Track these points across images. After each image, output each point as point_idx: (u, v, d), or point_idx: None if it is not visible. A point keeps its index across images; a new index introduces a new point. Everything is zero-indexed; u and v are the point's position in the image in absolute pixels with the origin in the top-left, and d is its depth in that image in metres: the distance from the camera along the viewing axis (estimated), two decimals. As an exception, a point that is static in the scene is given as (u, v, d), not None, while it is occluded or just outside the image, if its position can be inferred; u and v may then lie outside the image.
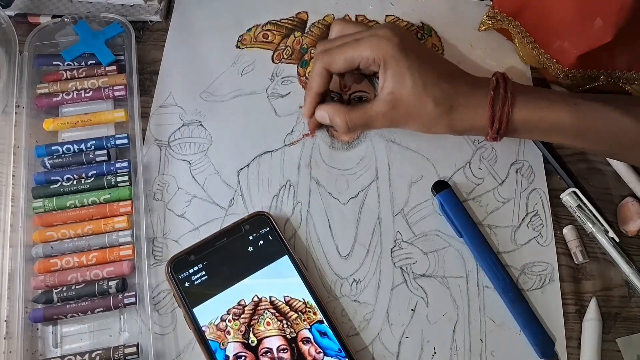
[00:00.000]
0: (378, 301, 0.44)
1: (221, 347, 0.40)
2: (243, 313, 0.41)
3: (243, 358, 0.40)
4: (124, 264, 0.43)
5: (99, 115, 0.48)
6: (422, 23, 0.55)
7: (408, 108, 0.43)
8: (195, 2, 0.55)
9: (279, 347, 0.40)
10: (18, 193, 0.44)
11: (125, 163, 0.46)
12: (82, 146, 0.47)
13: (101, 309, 0.41)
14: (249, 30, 0.54)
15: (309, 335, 0.41)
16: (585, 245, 0.47)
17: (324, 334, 0.41)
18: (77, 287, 0.42)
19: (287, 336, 0.40)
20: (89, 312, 0.41)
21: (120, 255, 0.43)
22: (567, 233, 0.47)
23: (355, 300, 0.44)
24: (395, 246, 0.46)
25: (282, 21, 0.54)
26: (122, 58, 0.50)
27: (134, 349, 0.40)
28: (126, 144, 0.47)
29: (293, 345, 0.40)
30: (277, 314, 0.41)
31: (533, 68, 0.53)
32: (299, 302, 0.42)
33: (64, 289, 0.42)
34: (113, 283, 0.42)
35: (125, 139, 0.47)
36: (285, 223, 0.46)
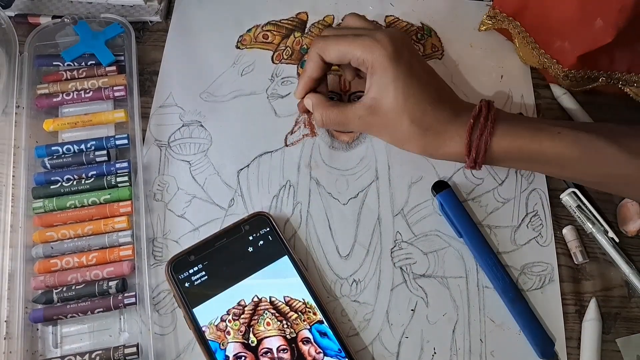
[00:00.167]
0: (378, 301, 0.44)
1: (221, 348, 0.40)
2: (243, 313, 0.41)
3: (243, 358, 0.40)
4: (124, 264, 0.43)
5: (99, 115, 0.48)
6: (422, 23, 0.55)
7: (384, 119, 0.43)
8: (195, 3, 0.55)
9: (279, 348, 0.40)
10: (18, 193, 0.44)
11: (125, 163, 0.46)
12: (82, 146, 0.47)
13: (101, 309, 0.41)
14: (249, 30, 0.54)
15: (309, 335, 0.41)
16: (585, 245, 0.47)
17: (324, 334, 0.41)
18: (77, 288, 0.42)
19: (287, 336, 0.40)
20: (89, 313, 0.41)
21: (120, 255, 0.43)
22: (567, 233, 0.47)
23: (355, 300, 0.44)
24: (395, 246, 0.46)
25: (282, 21, 0.54)
26: (122, 58, 0.50)
27: (134, 349, 0.40)
28: (126, 145, 0.47)
29: (293, 345, 0.40)
30: (277, 314, 0.41)
31: (533, 68, 0.53)
32: (299, 303, 0.42)
33: (64, 289, 0.42)
34: (113, 283, 0.42)
35: (125, 140, 0.47)
36: (285, 223, 0.46)
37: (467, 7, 0.56)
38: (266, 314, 0.41)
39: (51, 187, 0.45)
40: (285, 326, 0.41)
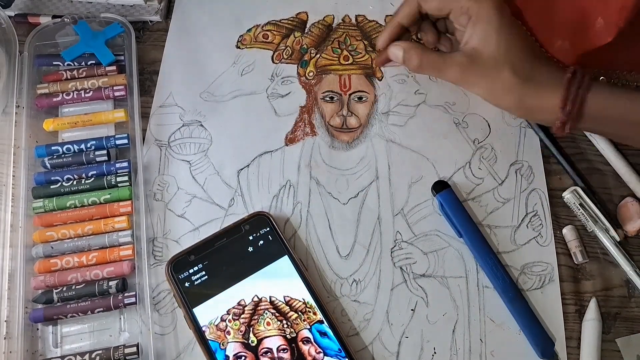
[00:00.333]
0: (378, 301, 0.44)
1: (221, 347, 0.40)
2: (243, 313, 0.41)
3: (243, 358, 0.40)
4: (124, 264, 0.43)
5: (99, 115, 0.48)
6: (422, 23, 0.55)
7: (485, 69, 0.42)
8: (195, 3, 0.55)
9: (279, 347, 0.40)
10: (18, 193, 0.44)
11: (125, 163, 0.46)
12: (82, 146, 0.47)
13: (101, 309, 0.41)
14: (249, 30, 0.54)
15: (309, 335, 0.41)
16: (585, 245, 0.47)
17: (324, 334, 0.41)
18: (77, 287, 0.42)
19: (287, 336, 0.40)
20: (89, 312, 0.41)
21: (120, 255, 0.43)
22: (567, 233, 0.47)
23: (355, 300, 0.44)
24: (395, 246, 0.46)
25: (282, 21, 0.54)
26: (122, 58, 0.50)
27: (134, 349, 0.40)
28: (126, 144, 0.47)
29: (293, 345, 0.40)
30: (277, 314, 0.41)
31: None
32: (299, 302, 0.42)
33: (64, 289, 0.42)
34: (113, 283, 0.42)
35: (125, 139, 0.47)
36: (285, 223, 0.46)
37: (467, 7, 0.56)
38: (266, 314, 0.41)
39: (51, 187, 0.45)
40: (285, 326, 0.41)
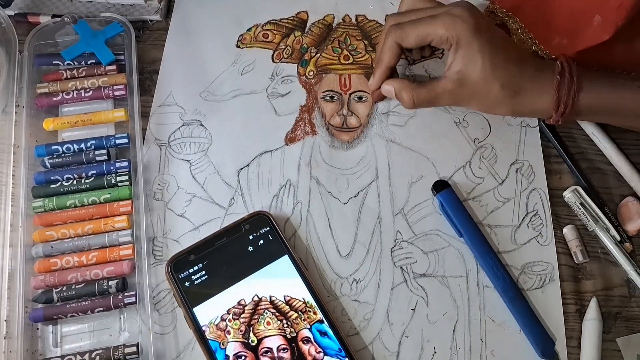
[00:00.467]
0: (378, 301, 0.44)
1: (221, 347, 0.40)
2: (243, 313, 0.41)
3: (243, 358, 0.40)
4: (124, 264, 0.43)
5: (99, 114, 0.48)
6: (422, 22, 0.55)
7: (474, 89, 0.44)
8: (195, 2, 0.55)
9: (279, 347, 0.40)
10: (18, 193, 0.44)
11: (125, 163, 0.46)
12: (82, 146, 0.47)
13: (101, 309, 0.41)
14: (249, 29, 0.54)
15: (309, 334, 0.41)
16: (585, 244, 0.46)
17: (324, 334, 0.41)
18: (77, 287, 0.42)
19: (287, 336, 0.40)
20: (89, 312, 0.41)
21: (120, 254, 0.43)
22: (567, 233, 0.47)
23: (355, 299, 0.44)
24: (395, 246, 0.46)
25: (282, 21, 0.54)
26: (122, 57, 0.50)
27: (134, 349, 0.40)
28: (126, 144, 0.47)
29: (293, 344, 0.40)
30: (277, 314, 0.41)
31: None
32: (299, 302, 0.42)
33: (64, 289, 0.42)
34: (113, 283, 0.42)
35: (125, 139, 0.47)
36: (285, 223, 0.46)
37: (468, 6, 0.56)
38: (266, 314, 0.41)
39: (51, 187, 0.45)
40: (285, 325, 0.41)
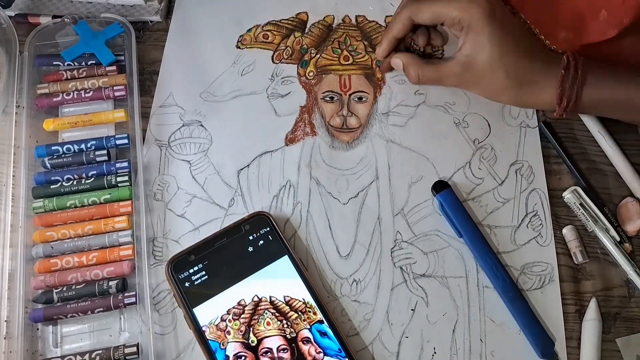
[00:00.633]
0: (378, 301, 0.44)
1: (221, 347, 0.40)
2: (243, 313, 0.41)
3: (243, 358, 0.40)
4: (124, 264, 0.43)
5: (99, 115, 0.48)
6: (422, 23, 0.55)
7: (480, 74, 0.44)
8: (195, 3, 0.55)
9: (279, 347, 0.40)
10: (18, 193, 0.44)
11: (125, 163, 0.46)
12: (83, 146, 0.47)
13: (101, 309, 0.41)
14: (249, 30, 0.54)
15: (309, 335, 0.41)
16: (585, 245, 0.47)
17: (324, 334, 0.41)
18: (77, 287, 0.42)
19: (287, 336, 0.40)
20: (89, 312, 0.41)
21: (120, 255, 0.43)
22: (567, 233, 0.47)
23: (355, 300, 0.44)
24: (395, 246, 0.46)
25: (282, 21, 0.54)
26: (123, 58, 0.50)
27: (134, 349, 0.40)
28: (126, 144, 0.47)
29: (293, 345, 0.40)
30: (277, 314, 0.41)
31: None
32: (299, 302, 0.42)
33: (64, 289, 0.42)
34: (113, 283, 0.42)
35: (125, 139, 0.47)
36: (285, 223, 0.46)
37: (467, 7, 0.56)
38: (266, 314, 0.41)
39: (51, 187, 0.45)
40: (285, 326, 0.41)
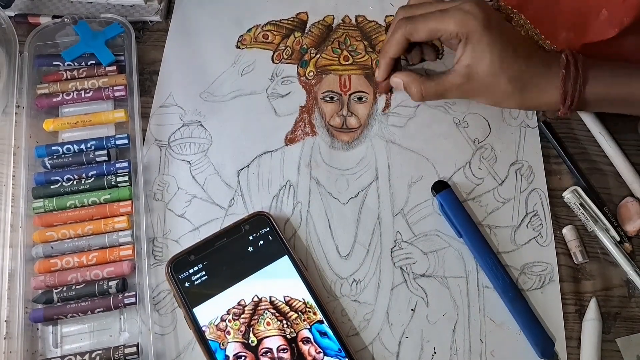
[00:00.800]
0: (378, 301, 0.44)
1: (221, 347, 0.40)
2: (243, 313, 0.41)
3: (243, 358, 0.40)
4: (124, 264, 0.43)
5: (99, 115, 0.48)
6: (422, 23, 0.55)
7: (482, 83, 0.44)
8: (195, 3, 0.55)
9: (279, 347, 0.40)
10: (18, 193, 0.44)
11: (125, 163, 0.46)
12: (82, 146, 0.47)
13: (101, 309, 0.41)
14: (249, 30, 0.54)
15: (309, 335, 0.41)
16: (585, 245, 0.47)
17: (324, 334, 0.41)
18: (77, 287, 0.42)
19: (287, 336, 0.40)
20: (89, 312, 0.41)
21: (120, 255, 0.43)
22: (567, 233, 0.47)
23: (355, 300, 0.44)
24: (395, 246, 0.46)
25: (282, 21, 0.54)
26: (122, 58, 0.50)
27: (134, 349, 0.40)
28: (126, 144, 0.47)
29: (293, 345, 0.40)
30: (277, 314, 0.41)
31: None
32: (299, 302, 0.42)
33: (64, 289, 0.42)
34: (113, 283, 0.42)
35: (125, 139, 0.47)
36: (285, 223, 0.46)
37: (467, 7, 0.56)
38: (266, 314, 0.41)
39: (51, 187, 0.45)
40: (285, 326, 0.41)
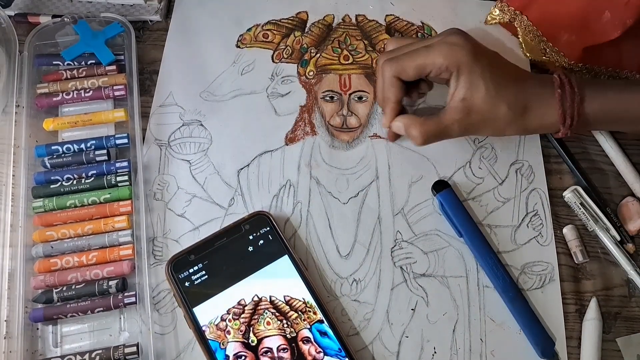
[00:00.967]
0: (378, 301, 0.44)
1: (221, 347, 0.40)
2: (243, 313, 0.41)
3: (243, 358, 0.40)
4: (124, 264, 0.43)
5: (99, 115, 0.48)
6: (422, 23, 0.55)
7: (482, 114, 0.43)
8: (195, 2, 0.55)
9: (279, 347, 0.40)
10: (18, 193, 0.44)
11: (125, 163, 0.46)
12: (82, 146, 0.47)
13: (101, 309, 0.41)
14: (249, 29, 0.54)
15: (309, 334, 0.41)
16: (585, 244, 0.47)
17: (324, 334, 0.41)
18: (77, 287, 0.42)
19: (287, 336, 0.40)
20: (89, 312, 0.41)
21: (120, 255, 0.43)
22: (567, 233, 0.47)
23: (355, 299, 0.44)
24: (395, 246, 0.46)
25: (282, 21, 0.54)
26: (122, 58, 0.50)
27: (134, 349, 0.40)
28: (126, 144, 0.47)
29: (293, 344, 0.40)
30: (277, 314, 0.41)
31: (533, 64, 0.53)
32: (299, 302, 0.42)
33: (64, 289, 0.42)
34: (113, 283, 0.42)
35: (125, 139, 0.47)
36: (285, 223, 0.46)
37: (468, 6, 0.56)
38: (266, 314, 0.41)
39: (51, 187, 0.45)
40: (285, 325, 0.41)
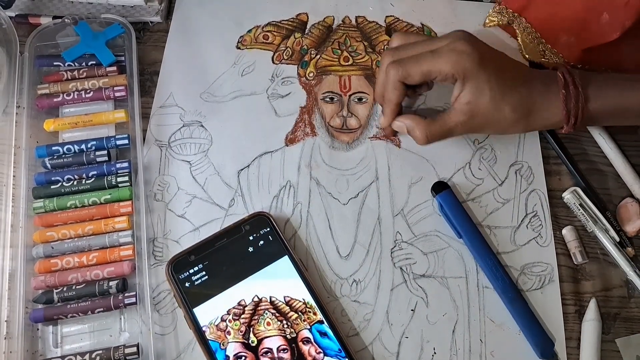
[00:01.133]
0: (378, 301, 0.44)
1: (221, 347, 0.40)
2: (243, 313, 0.41)
3: (243, 358, 0.40)
4: (125, 264, 0.43)
5: (100, 115, 0.48)
6: (422, 24, 0.55)
7: (486, 116, 0.44)
8: (195, 3, 0.55)
9: (279, 347, 0.40)
10: (19, 193, 0.44)
11: (125, 163, 0.46)
12: (83, 147, 0.47)
13: (101, 309, 0.41)
14: (249, 31, 0.54)
15: (309, 335, 0.41)
16: (584, 245, 0.47)
17: (324, 334, 0.41)
18: (78, 287, 0.42)
19: (287, 336, 0.41)
20: (90, 312, 0.41)
21: (120, 255, 0.43)
22: (567, 234, 0.47)
23: (355, 300, 0.44)
24: (395, 246, 0.46)
25: (283, 22, 0.54)
26: (123, 59, 0.50)
27: (135, 349, 0.40)
28: (127, 145, 0.47)
29: (293, 345, 0.40)
30: (277, 314, 0.41)
31: (532, 64, 0.53)
32: (299, 303, 0.42)
33: (65, 289, 0.42)
34: (113, 283, 0.42)
35: (125, 140, 0.47)
36: (285, 223, 0.46)
37: (467, 8, 0.56)
38: (266, 314, 0.41)
39: (52, 187, 0.45)
40: (285, 326, 0.41)
